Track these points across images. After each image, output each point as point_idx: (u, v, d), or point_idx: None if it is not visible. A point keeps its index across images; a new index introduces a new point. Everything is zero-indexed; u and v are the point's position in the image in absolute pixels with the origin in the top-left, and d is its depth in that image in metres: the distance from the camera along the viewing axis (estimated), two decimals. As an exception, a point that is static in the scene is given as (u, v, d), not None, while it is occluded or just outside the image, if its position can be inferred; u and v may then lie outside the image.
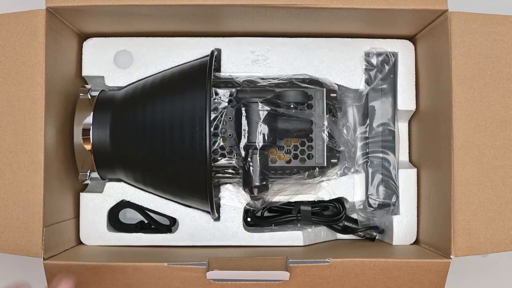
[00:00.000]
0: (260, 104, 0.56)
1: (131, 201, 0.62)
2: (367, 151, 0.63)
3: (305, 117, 0.58)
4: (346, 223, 0.63)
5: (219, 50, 0.62)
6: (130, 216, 0.64)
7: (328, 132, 0.59)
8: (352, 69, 0.63)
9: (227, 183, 0.61)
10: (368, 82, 0.63)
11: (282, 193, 0.61)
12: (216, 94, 0.58)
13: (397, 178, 0.62)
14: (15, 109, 0.52)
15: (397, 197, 0.62)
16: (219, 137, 0.58)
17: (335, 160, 0.59)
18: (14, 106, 0.52)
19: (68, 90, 0.59)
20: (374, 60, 0.63)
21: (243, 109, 0.57)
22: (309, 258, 0.54)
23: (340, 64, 0.63)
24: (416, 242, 0.62)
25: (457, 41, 0.53)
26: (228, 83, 0.59)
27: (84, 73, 0.63)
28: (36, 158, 0.52)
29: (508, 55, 0.53)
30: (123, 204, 0.62)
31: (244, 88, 0.59)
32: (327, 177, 0.61)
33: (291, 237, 0.62)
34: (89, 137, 0.58)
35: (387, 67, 0.63)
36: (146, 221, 0.63)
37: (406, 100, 0.63)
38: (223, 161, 0.57)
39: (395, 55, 0.63)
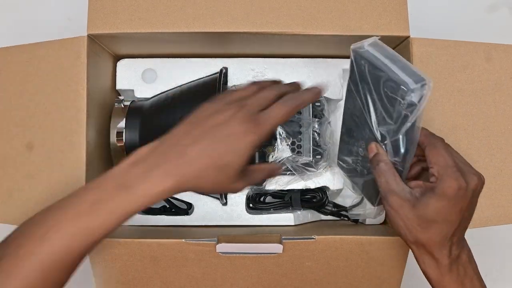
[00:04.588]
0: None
1: (155, 189, 0.62)
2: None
3: (295, 121, 0.58)
4: (327, 207, 0.63)
5: (226, 68, 0.62)
6: (154, 201, 0.64)
7: (314, 133, 0.59)
8: (333, 84, 0.63)
9: (232, 175, 0.61)
10: (346, 94, 0.63)
11: (277, 183, 0.61)
12: (224, 103, 0.58)
13: (369, 171, 0.62)
14: (64, 116, 0.53)
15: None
16: (226, 138, 0.58)
17: (319, 156, 0.59)
18: (64, 114, 0.53)
19: (105, 101, 0.60)
20: (350, 76, 0.63)
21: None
22: (299, 235, 0.54)
23: (323, 79, 0.63)
24: (384, 222, 0.62)
25: (417, 61, 0.53)
26: (233, 95, 0.59)
27: (118, 87, 0.63)
28: (80, 156, 0.52)
29: (458, 73, 0.54)
30: (149, 192, 0.62)
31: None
32: (314, 169, 0.60)
33: (284, 218, 0.62)
34: (122, 138, 0.58)
35: (361, 82, 0.63)
36: (167, 206, 0.63)
37: (376, 108, 0.63)
38: (229, 158, 0.57)
39: (367, 72, 0.63)
